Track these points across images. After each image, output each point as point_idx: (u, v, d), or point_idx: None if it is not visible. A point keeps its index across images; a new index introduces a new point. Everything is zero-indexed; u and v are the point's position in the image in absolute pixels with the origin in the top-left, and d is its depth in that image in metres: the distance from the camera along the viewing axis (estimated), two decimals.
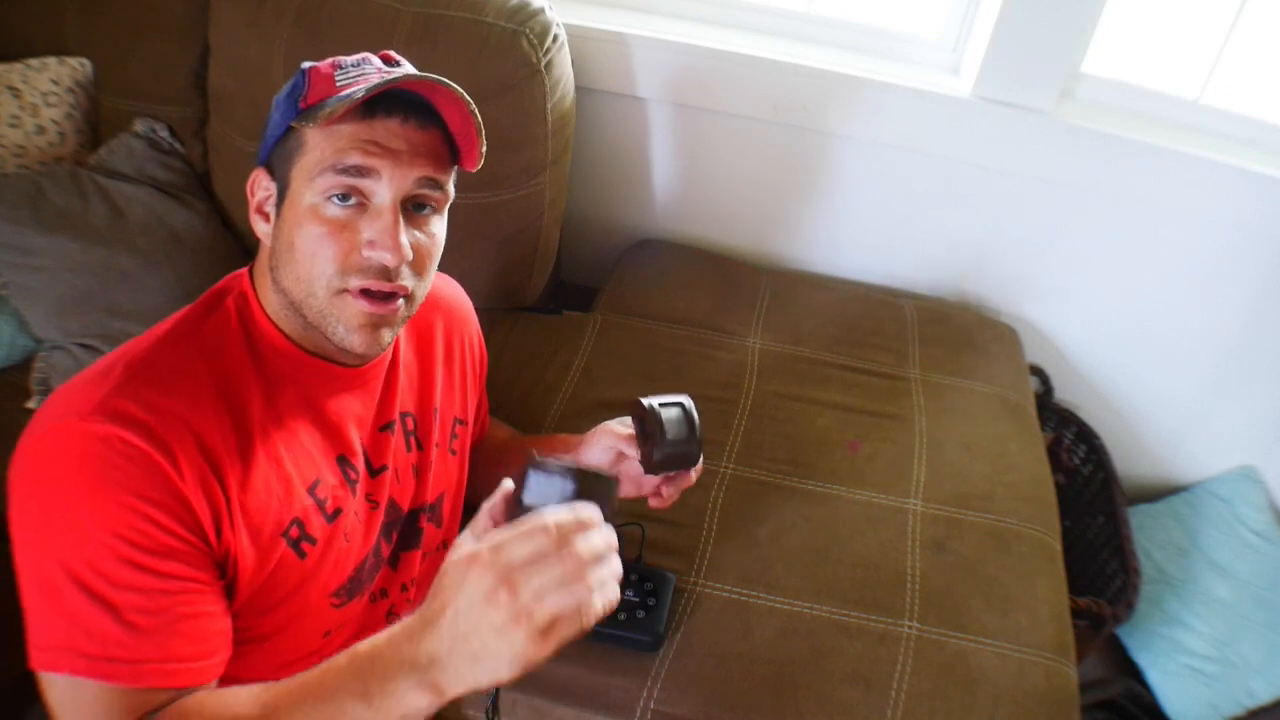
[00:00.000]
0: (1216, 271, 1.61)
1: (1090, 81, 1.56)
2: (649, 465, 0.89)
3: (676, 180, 1.75)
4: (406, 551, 0.93)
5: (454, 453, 0.98)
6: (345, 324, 0.75)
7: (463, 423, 1.00)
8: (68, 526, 0.66)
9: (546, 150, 1.42)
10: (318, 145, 0.73)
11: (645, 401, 0.90)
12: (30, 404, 1.35)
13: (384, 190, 0.73)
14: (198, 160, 1.58)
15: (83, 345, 1.38)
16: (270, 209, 0.77)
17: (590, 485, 0.64)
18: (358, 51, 0.79)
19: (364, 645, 0.63)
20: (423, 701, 0.59)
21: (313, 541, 0.79)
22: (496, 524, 0.64)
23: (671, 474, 0.91)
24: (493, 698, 0.99)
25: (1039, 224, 1.65)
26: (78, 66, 1.52)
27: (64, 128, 1.51)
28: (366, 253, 0.74)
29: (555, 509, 0.60)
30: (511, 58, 1.34)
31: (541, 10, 1.38)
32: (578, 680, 1.01)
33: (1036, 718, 1.03)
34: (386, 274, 0.75)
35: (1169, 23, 1.58)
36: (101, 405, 0.67)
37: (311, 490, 0.80)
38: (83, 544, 0.65)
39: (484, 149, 0.78)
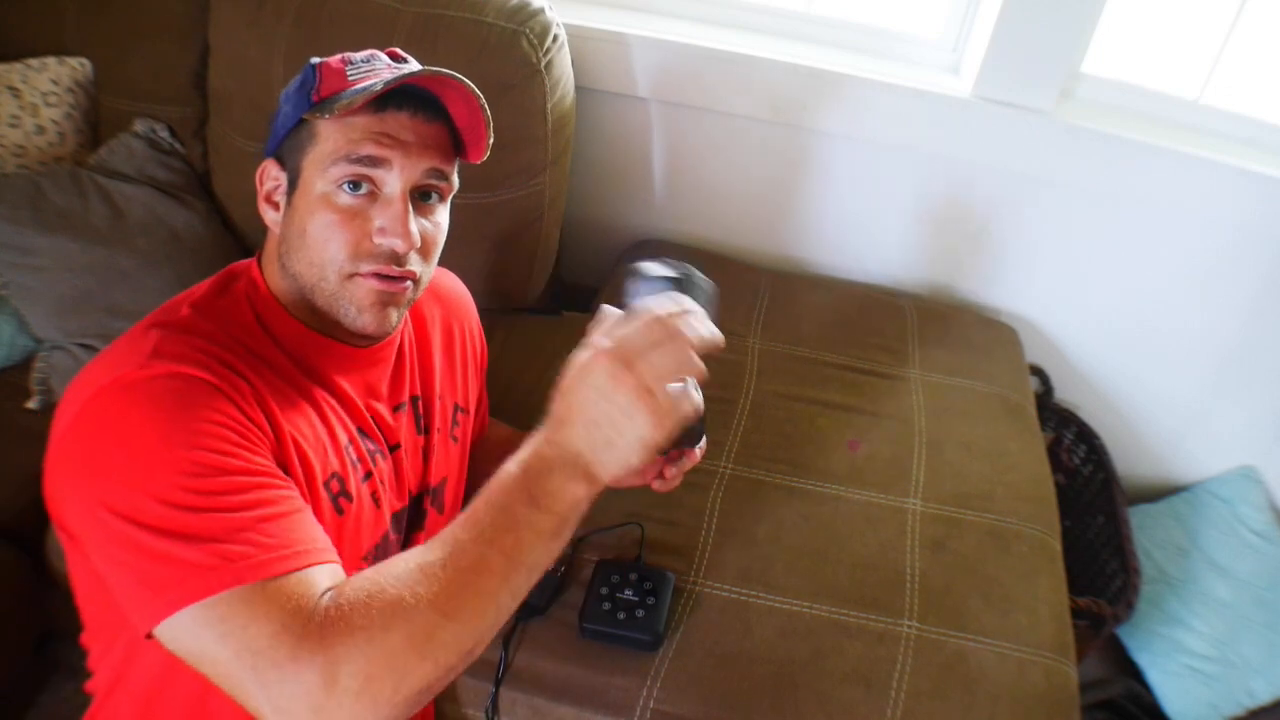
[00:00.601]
0: (1216, 271, 1.61)
1: (1090, 81, 1.56)
2: None
3: (676, 180, 1.75)
4: (414, 533, 0.95)
5: (455, 439, 1.00)
6: (357, 305, 0.78)
7: (464, 411, 1.02)
8: (157, 461, 0.65)
9: (546, 150, 1.42)
10: (331, 136, 0.75)
11: None
12: (30, 404, 1.35)
13: (394, 180, 0.76)
14: (198, 160, 1.58)
15: (83, 345, 1.38)
16: (280, 198, 0.80)
17: (688, 285, 0.69)
18: (360, 50, 0.81)
19: (510, 465, 0.66)
20: (581, 490, 0.65)
21: (349, 498, 0.82)
22: None
23: (675, 454, 0.92)
24: (492, 698, 0.99)
25: (1039, 224, 1.65)
26: (78, 66, 1.52)
27: (64, 128, 1.51)
28: (377, 239, 0.77)
29: (660, 300, 0.66)
30: (511, 58, 1.34)
31: (541, 10, 1.38)
32: (577, 680, 1.01)
33: (1036, 718, 1.03)
34: (396, 259, 0.78)
35: (1169, 23, 1.58)
36: (154, 354, 0.69)
37: (346, 449, 0.82)
38: (178, 471, 0.65)
39: (491, 140, 0.80)
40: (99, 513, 0.65)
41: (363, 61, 0.78)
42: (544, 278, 1.56)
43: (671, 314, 0.65)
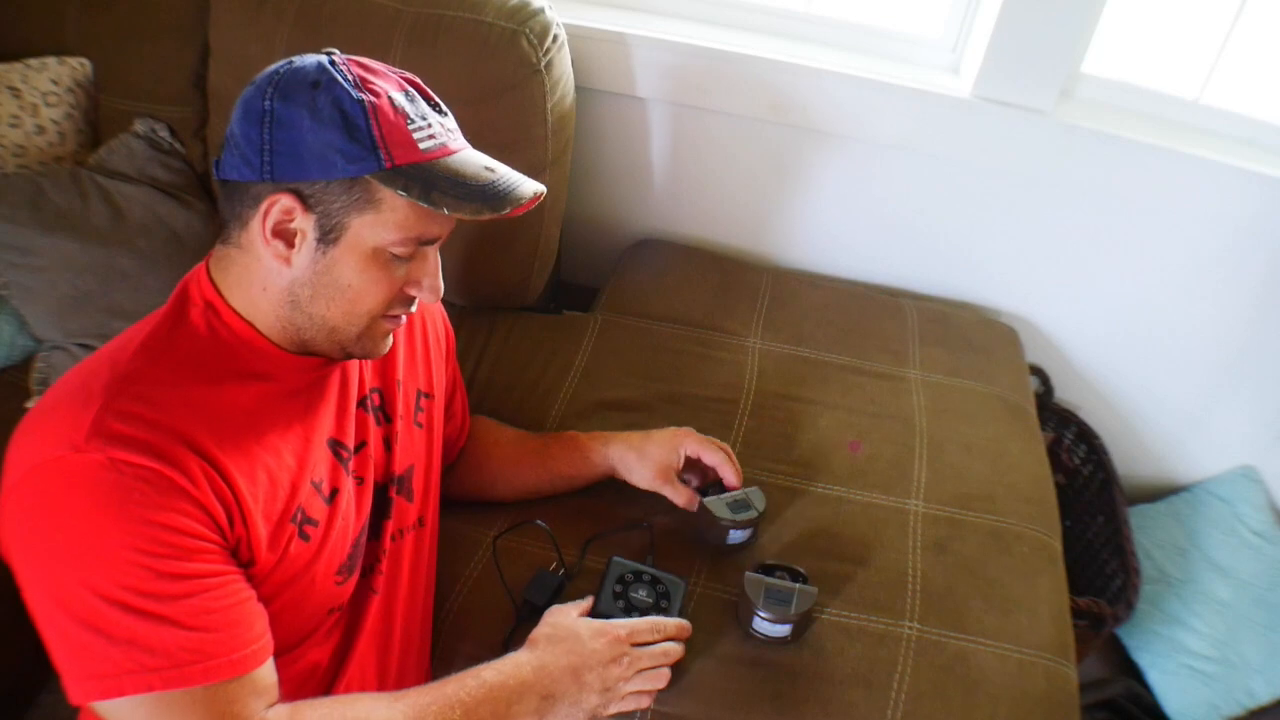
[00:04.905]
0: (1216, 271, 1.61)
1: (1090, 81, 1.56)
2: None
3: (676, 180, 1.75)
4: (382, 521, 0.95)
5: (420, 425, 1.00)
6: (373, 341, 0.83)
7: (428, 396, 1.02)
8: (98, 558, 0.66)
9: (546, 150, 1.42)
10: (401, 209, 0.75)
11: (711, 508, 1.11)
12: (30, 404, 1.35)
13: (437, 243, 0.81)
14: (198, 160, 1.58)
15: (83, 345, 1.38)
16: (298, 239, 0.75)
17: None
18: (356, 51, 0.79)
19: (487, 673, 0.83)
20: (534, 716, 0.84)
21: (314, 524, 0.82)
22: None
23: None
24: None
25: (1039, 224, 1.65)
26: (78, 66, 1.52)
27: (64, 128, 1.51)
28: (412, 291, 0.81)
29: (658, 617, 0.96)
30: (511, 58, 1.34)
31: (541, 10, 1.38)
32: None
33: (1036, 718, 1.03)
34: (414, 302, 0.83)
35: (1169, 23, 1.58)
36: (95, 431, 0.67)
37: (310, 474, 0.82)
38: (119, 571, 0.66)
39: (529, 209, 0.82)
40: (35, 591, 0.67)
41: (418, 116, 0.75)
42: (544, 277, 1.56)
43: (668, 629, 0.95)
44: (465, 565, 1.12)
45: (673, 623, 0.96)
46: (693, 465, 1.15)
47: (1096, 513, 1.73)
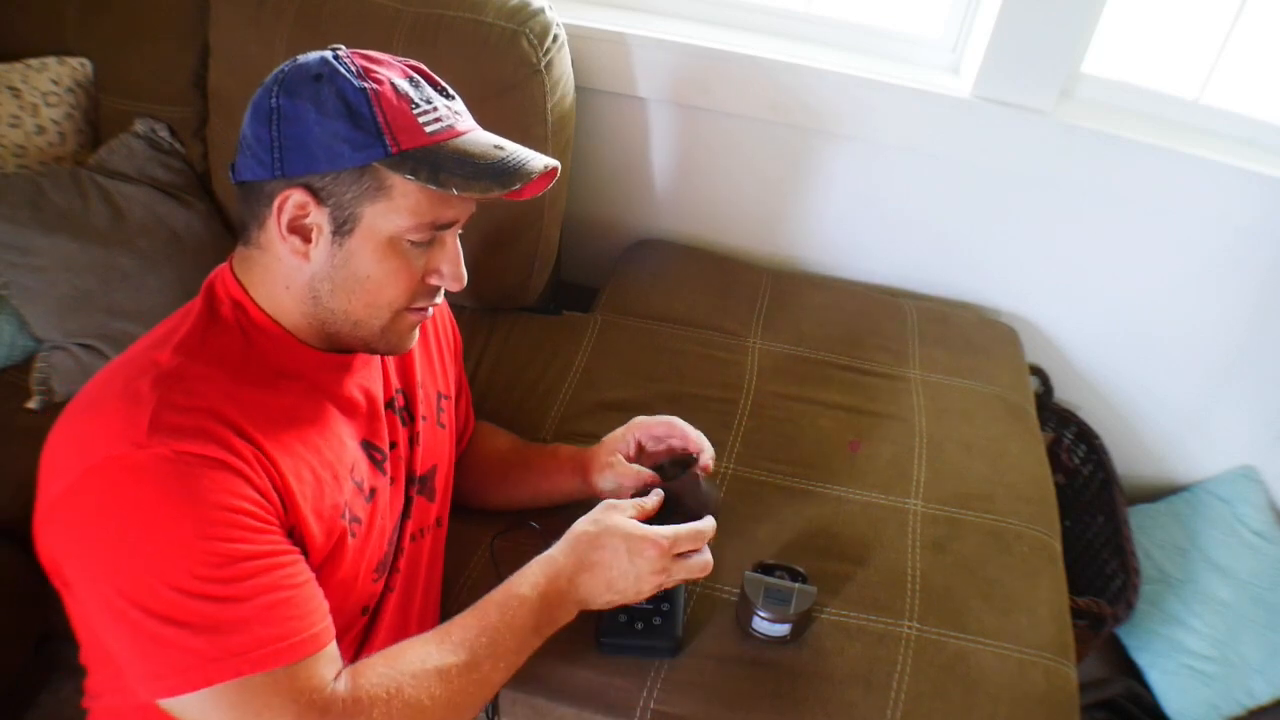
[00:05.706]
0: (1216, 271, 1.61)
1: (1090, 81, 1.56)
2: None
3: (676, 180, 1.75)
4: (404, 522, 0.95)
5: (442, 425, 1.01)
6: (398, 336, 0.82)
7: (446, 397, 1.03)
8: (172, 550, 0.66)
9: (546, 150, 1.42)
10: (411, 194, 0.74)
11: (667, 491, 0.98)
12: (30, 404, 1.35)
13: (454, 228, 0.80)
14: (198, 160, 1.58)
15: (83, 345, 1.38)
16: (315, 233, 0.75)
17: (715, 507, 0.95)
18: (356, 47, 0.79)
19: (527, 588, 0.83)
20: (569, 619, 0.86)
21: (359, 522, 0.83)
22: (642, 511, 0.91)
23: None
24: (493, 698, 0.99)
25: (1039, 224, 1.65)
26: (78, 66, 1.52)
27: (64, 128, 1.51)
28: (434, 281, 0.80)
29: (698, 524, 0.90)
30: (511, 58, 1.34)
31: (541, 10, 1.38)
32: (577, 680, 1.01)
33: (1036, 718, 1.03)
34: (437, 293, 0.83)
35: (1169, 23, 1.58)
36: (154, 427, 0.67)
37: (351, 473, 0.83)
38: (192, 560, 0.66)
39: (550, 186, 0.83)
40: (104, 591, 0.66)
41: (423, 101, 0.75)
42: (544, 277, 1.56)
43: (706, 534, 0.89)
44: (465, 565, 1.12)
45: (713, 528, 0.91)
46: (668, 452, 1.07)
47: (1096, 513, 1.73)
